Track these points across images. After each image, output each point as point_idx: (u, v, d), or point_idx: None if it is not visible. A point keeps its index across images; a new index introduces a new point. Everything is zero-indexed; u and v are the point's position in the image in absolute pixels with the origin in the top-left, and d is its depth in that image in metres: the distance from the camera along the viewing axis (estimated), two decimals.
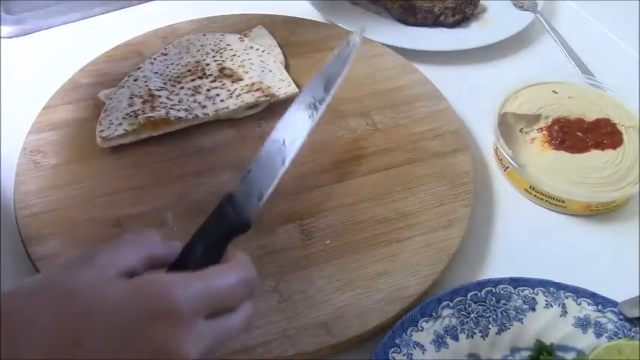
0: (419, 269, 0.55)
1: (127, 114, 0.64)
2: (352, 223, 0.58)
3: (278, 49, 0.76)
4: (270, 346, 0.50)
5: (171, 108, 0.65)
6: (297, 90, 0.69)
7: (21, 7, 0.85)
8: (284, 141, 0.46)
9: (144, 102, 0.65)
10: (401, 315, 0.51)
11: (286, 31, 0.79)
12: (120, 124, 0.64)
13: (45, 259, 0.54)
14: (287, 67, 0.74)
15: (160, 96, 0.67)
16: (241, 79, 0.70)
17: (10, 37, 0.80)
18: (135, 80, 0.69)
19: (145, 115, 0.64)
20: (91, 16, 0.84)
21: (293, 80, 0.70)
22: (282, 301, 0.53)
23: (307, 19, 0.81)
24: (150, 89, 0.67)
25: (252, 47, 0.74)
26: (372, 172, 0.64)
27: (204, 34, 0.76)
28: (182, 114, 0.65)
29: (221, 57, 0.73)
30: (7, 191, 0.59)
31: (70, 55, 0.74)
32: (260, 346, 0.50)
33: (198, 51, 0.73)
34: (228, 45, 0.74)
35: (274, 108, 0.69)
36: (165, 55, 0.73)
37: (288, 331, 0.51)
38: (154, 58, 0.72)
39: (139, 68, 0.71)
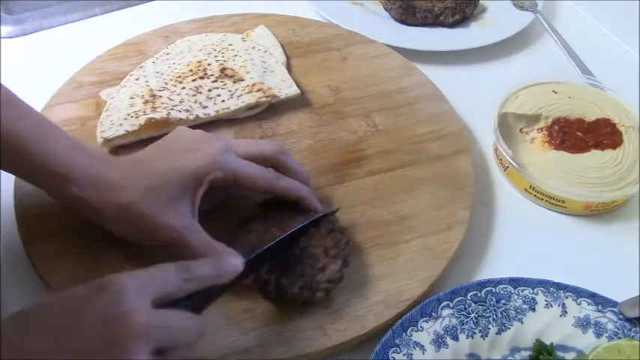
0: (417, 272, 0.55)
1: (128, 114, 0.64)
2: (351, 225, 0.58)
3: (280, 50, 0.75)
4: (267, 348, 0.50)
5: (173, 109, 0.65)
6: (298, 91, 0.69)
7: (21, 7, 0.85)
8: None
9: (145, 102, 0.65)
10: (398, 318, 0.51)
11: (289, 31, 0.79)
12: (121, 124, 0.63)
13: (45, 260, 0.54)
14: (289, 68, 0.74)
15: (161, 96, 0.66)
16: (242, 80, 0.70)
17: (10, 37, 0.80)
18: (136, 79, 0.69)
19: (146, 116, 0.63)
20: (91, 16, 0.84)
21: (295, 81, 0.70)
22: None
23: (310, 19, 0.81)
24: (151, 89, 0.67)
25: (254, 47, 0.74)
26: (373, 174, 0.63)
27: (206, 35, 0.76)
28: (183, 115, 0.65)
29: (223, 57, 0.72)
30: (7, 191, 0.59)
31: (70, 55, 0.74)
32: (257, 347, 0.50)
33: (200, 51, 0.73)
34: (230, 45, 0.74)
35: (275, 108, 0.69)
36: (168, 54, 0.73)
37: (285, 333, 0.51)
38: (156, 58, 0.72)
39: (140, 67, 0.71)
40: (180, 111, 0.65)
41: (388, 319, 0.52)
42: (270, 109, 0.69)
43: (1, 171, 0.52)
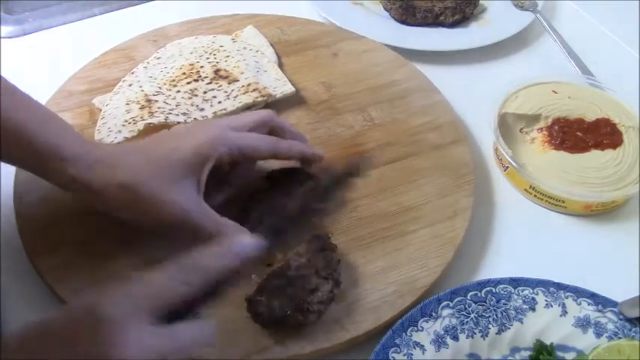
0: (427, 261, 0.56)
1: (126, 120, 0.63)
2: (357, 219, 0.59)
3: (271, 49, 0.75)
4: (286, 346, 0.50)
5: (170, 113, 0.65)
6: (293, 89, 0.69)
7: (21, 7, 0.85)
8: None
9: (141, 108, 0.65)
10: (413, 307, 0.52)
11: (277, 30, 0.79)
12: (119, 131, 0.63)
13: (51, 271, 0.53)
14: (281, 66, 0.74)
15: (157, 101, 0.66)
16: (237, 80, 0.69)
17: (10, 37, 0.80)
18: (129, 85, 0.68)
19: (144, 122, 0.63)
20: (91, 17, 0.84)
21: (288, 79, 0.70)
22: None
23: (296, 17, 0.81)
24: (146, 94, 0.66)
25: (245, 48, 0.74)
26: (374, 167, 0.64)
27: (196, 37, 0.75)
28: (181, 118, 0.65)
29: (215, 58, 0.72)
30: (7, 191, 0.59)
31: (71, 55, 0.74)
32: (276, 345, 0.50)
33: (191, 53, 0.73)
34: (222, 46, 0.74)
35: (271, 107, 0.69)
36: (159, 58, 0.72)
37: (302, 330, 0.51)
38: (147, 62, 0.72)
39: (132, 73, 0.70)
40: (177, 114, 0.65)
41: (403, 308, 0.52)
42: (267, 108, 0.69)
43: (2, 172, 0.52)
